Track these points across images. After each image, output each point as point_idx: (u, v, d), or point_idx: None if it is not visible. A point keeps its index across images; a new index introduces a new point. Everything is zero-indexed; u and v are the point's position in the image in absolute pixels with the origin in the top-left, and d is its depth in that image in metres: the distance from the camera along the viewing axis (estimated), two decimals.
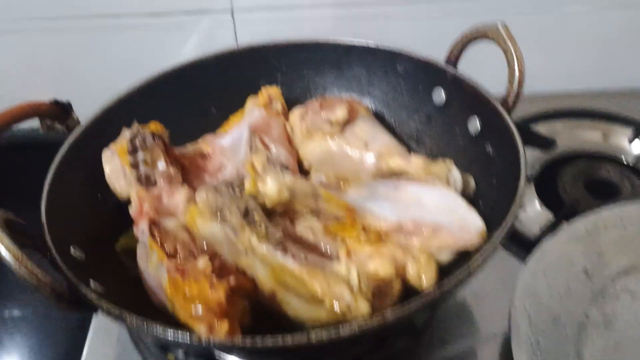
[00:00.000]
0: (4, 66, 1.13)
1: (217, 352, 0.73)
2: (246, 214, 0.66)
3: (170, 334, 0.55)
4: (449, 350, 0.75)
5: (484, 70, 0.81)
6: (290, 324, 0.67)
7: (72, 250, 0.67)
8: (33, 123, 1.09)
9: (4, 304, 0.99)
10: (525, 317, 0.69)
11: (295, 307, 0.66)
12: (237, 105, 0.91)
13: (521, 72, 0.75)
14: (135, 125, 0.79)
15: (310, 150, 0.85)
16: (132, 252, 0.74)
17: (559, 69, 1.13)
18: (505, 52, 0.76)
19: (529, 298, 0.71)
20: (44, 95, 1.09)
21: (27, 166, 1.11)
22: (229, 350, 0.60)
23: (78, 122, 1.12)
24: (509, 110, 0.76)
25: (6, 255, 0.55)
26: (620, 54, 1.16)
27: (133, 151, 0.77)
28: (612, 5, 1.10)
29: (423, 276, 0.66)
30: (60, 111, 1.05)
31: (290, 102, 0.91)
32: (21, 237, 0.60)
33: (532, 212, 0.92)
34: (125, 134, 0.78)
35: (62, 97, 1.07)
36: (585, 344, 0.70)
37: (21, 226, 0.63)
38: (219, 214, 0.66)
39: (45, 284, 0.56)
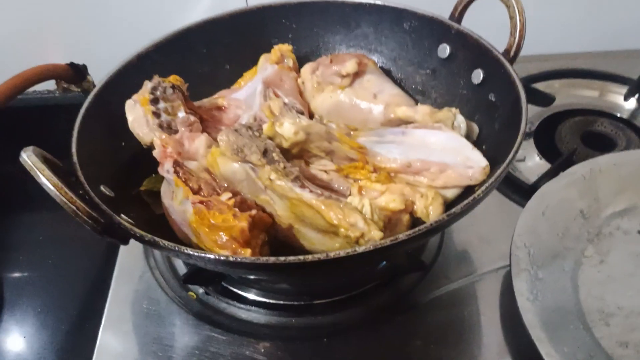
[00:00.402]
0: (19, 28, 1.16)
1: (236, 283, 0.78)
2: (265, 153, 0.70)
3: (199, 255, 0.59)
4: (453, 286, 0.80)
5: (484, 29, 0.86)
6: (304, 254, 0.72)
7: (102, 188, 0.72)
8: (49, 85, 1.13)
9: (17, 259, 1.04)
10: (525, 252, 0.74)
11: (311, 238, 0.71)
12: (250, 62, 0.95)
13: (522, 24, 0.79)
14: (156, 77, 0.83)
15: (321, 102, 0.89)
16: (155, 194, 0.79)
17: (557, 30, 1.17)
18: (508, 6, 0.80)
19: (529, 236, 0.76)
20: (57, 58, 1.13)
21: (45, 126, 1.15)
22: (251, 267, 0.64)
23: (93, 85, 1.16)
24: (511, 61, 0.80)
25: (48, 184, 0.60)
26: (615, 14, 1.21)
27: (154, 101, 0.81)
28: None
29: (431, 210, 0.71)
30: (76, 73, 1.09)
31: (301, 60, 0.96)
32: (56, 174, 0.65)
33: (531, 163, 0.96)
34: (147, 85, 0.82)
35: (77, 60, 1.11)
36: (581, 277, 0.75)
37: (55, 163, 0.67)
38: (239, 153, 0.70)
39: (83, 212, 0.61)
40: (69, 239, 1.03)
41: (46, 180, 0.60)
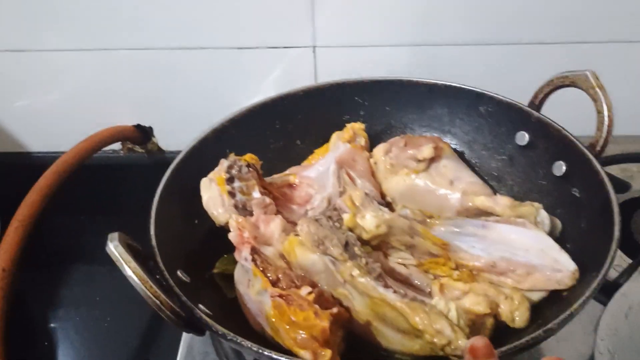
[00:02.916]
0: (88, 88, 1.19)
1: None
2: (347, 247, 0.69)
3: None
4: None
5: (562, 112, 0.85)
6: (378, 351, 0.70)
7: (179, 273, 0.71)
8: (114, 145, 1.15)
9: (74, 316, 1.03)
10: (609, 358, 0.70)
11: (389, 338, 0.68)
12: (320, 138, 0.95)
13: (611, 120, 0.77)
14: (232, 156, 0.83)
15: (394, 185, 0.88)
16: (228, 277, 0.78)
17: (632, 111, 1.14)
18: (595, 100, 0.78)
19: (612, 340, 0.73)
20: (125, 121, 1.15)
21: (109, 185, 1.17)
22: None
23: (157, 146, 1.18)
24: (596, 156, 0.78)
25: (134, 278, 0.59)
26: None
27: (230, 180, 0.81)
28: None
29: (517, 315, 0.68)
30: (142, 135, 1.12)
31: (372, 138, 0.95)
32: (137, 261, 0.65)
33: None
34: (223, 164, 0.82)
35: (144, 123, 1.13)
36: None
37: (136, 249, 0.67)
38: (320, 246, 0.69)
39: (167, 307, 0.60)
40: (126, 298, 1.04)
41: (132, 273, 0.60)
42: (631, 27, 1.06)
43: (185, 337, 0.85)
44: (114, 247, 0.61)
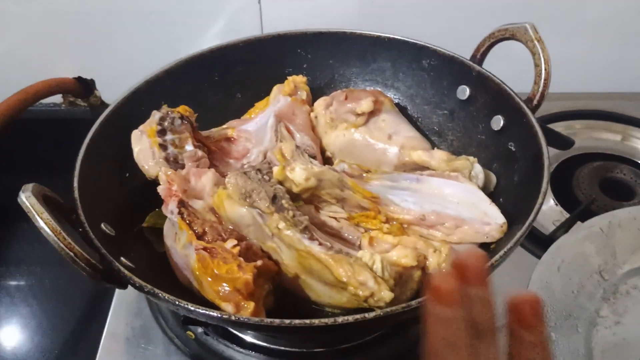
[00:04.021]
0: (28, 41, 1.13)
1: (237, 330, 0.75)
2: (274, 200, 0.67)
3: (201, 312, 0.56)
4: None
5: (504, 67, 0.83)
6: (309, 305, 0.70)
7: (102, 226, 0.69)
8: (54, 98, 1.11)
9: (15, 273, 1.01)
10: None
11: (317, 290, 0.68)
12: (262, 91, 0.93)
13: (548, 73, 0.76)
14: (165, 108, 0.81)
15: (333, 139, 0.86)
16: (158, 231, 0.76)
17: (579, 69, 1.14)
18: (533, 53, 0.77)
19: (543, 293, 0.73)
20: (66, 72, 1.10)
21: (49, 139, 1.13)
22: (255, 328, 0.61)
23: (100, 99, 1.14)
24: (533, 110, 0.77)
25: (46, 229, 0.57)
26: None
27: (162, 133, 0.79)
28: (634, 8, 1.11)
29: (444, 267, 0.67)
30: (84, 88, 1.07)
31: (315, 92, 0.93)
32: (55, 212, 0.62)
33: (546, 209, 0.93)
34: (155, 116, 0.80)
35: (85, 75, 1.09)
36: (596, 340, 0.72)
37: (56, 201, 0.65)
38: (247, 198, 0.67)
39: (81, 259, 0.58)
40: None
41: (44, 224, 0.57)
42: None
43: (119, 292, 0.84)
44: (26, 198, 0.59)
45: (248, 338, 0.77)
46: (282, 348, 0.76)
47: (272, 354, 0.76)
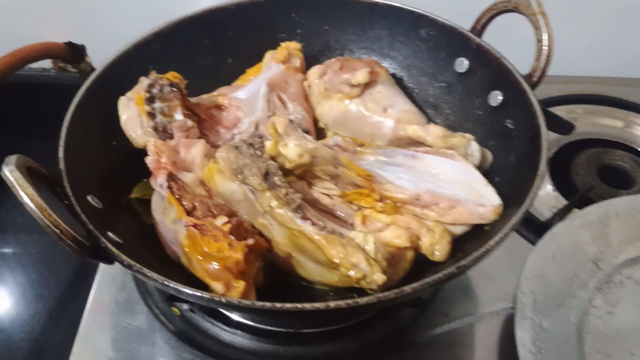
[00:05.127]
0: (18, 3, 1.08)
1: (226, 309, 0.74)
2: (266, 176, 0.66)
3: (191, 293, 0.55)
4: (450, 324, 0.76)
5: (506, 42, 0.81)
6: (298, 280, 0.69)
7: (89, 198, 0.67)
8: (44, 63, 1.07)
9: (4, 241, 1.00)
10: (531, 298, 0.71)
11: (308, 269, 0.67)
12: (254, 57, 0.90)
13: (550, 49, 0.74)
14: (154, 74, 0.78)
15: (327, 110, 0.84)
16: (146, 202, 0.75)
17: (582, 52, 1.11)
18: (536, 27, 0.74)
19: (536, 280, 0.73)
20: (57, 37, 1.06)
21: (38, 105, 1.10)
22: (246, 311, 0.61)
23: (90, 66, 1.10)
24: (533, 87, 0.75)
25: (30, 205, 0.55)
26: None
27: (150, 100, 0.76)
28: None
29: (437, 248, 0.67)
30: (74, 53, 1.03)
31: (309, 59, 0.90)
32: (40, 184, 0.60)
33: (543, 194, 0.92)
34: (143, 82, 0.77)
35: (76, 40, 1.05)
36: (587, 329, 0.72)
37: (40, 172, 0.63)
38: (239, 174, 0.66)
39: (67, 236, 0.56)
40: None
41: (29, 200, 0.55)
42: None
43: (104, 265, 0.83)
44: (9, 172, 0.56)
45: (235, 317, 0.77)
46: (270, 328, 0.75)
47: (259, 334, 0.76)
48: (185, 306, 0.77)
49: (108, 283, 0.80)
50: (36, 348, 0.85)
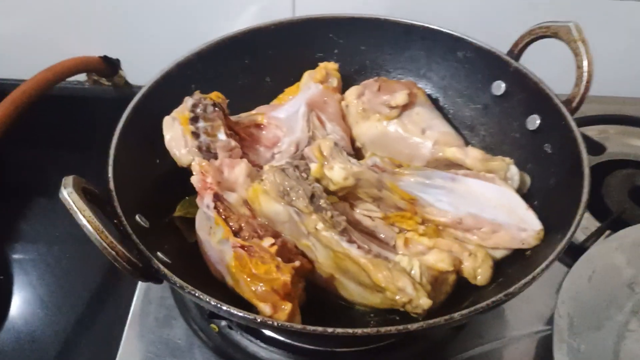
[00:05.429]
0: (56, 20, 1.11)
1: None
2: (312, 199, 0.67)
3: (242, 315, 0.56)
4: (485, 346, 0.77)
5: (542, 65, 0.82)
6: (338, 300, 0.70)
7: (137, 218, 0.69)
8: (79, 76, 1.09)
9: (32, 250, 1.00)
10: (568, 321, 0.71)
11: (351, 290, 0.68)
12: (291, 76, 0.91)
13: (590, 75, 0.75)
14: (197, 94, 0.79)
15: (365, 130, 0.85)
16: (188, 220, 0.76)
17: (614, 72, 1.10)
18: (576, 54, 0.75)
19: (573, 303, 0.73)
20: (92, 51, 1.08)
21: (72, 117, 1.12)
22: (298, 335, 0.61)
23: (124, 80, 1.12)
24: (572, 112, 0.76)
25: (89, 227, 0.57)
26: None
27: (194, 120, 0.77)
28: None
29: (479, 272, 0.68)
30: (109, 67, 1.06)
31: (345, 78, 0.91)
32: (92, 203, 0.62)
33: None
34: (187, 102, 0.78)
35: (111, 54, 1.07)
36: (624, 353, 0.72)
37: (92, 192, 0.64)
38: (285, 196, 0.67)
39: (123, 258, 0.58)
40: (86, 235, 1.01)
41: (87, 222, 0.57)
42: None
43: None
44: (68, 194, 0.58)
45: (271, 334, 0.77)
46: (306, 346, 0.76)
47: (296, 351, 0.76)
48: (223, 322, 0.78)
49: (147, 298, 0.82)
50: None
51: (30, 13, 1.10)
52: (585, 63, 0.75)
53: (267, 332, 0.77)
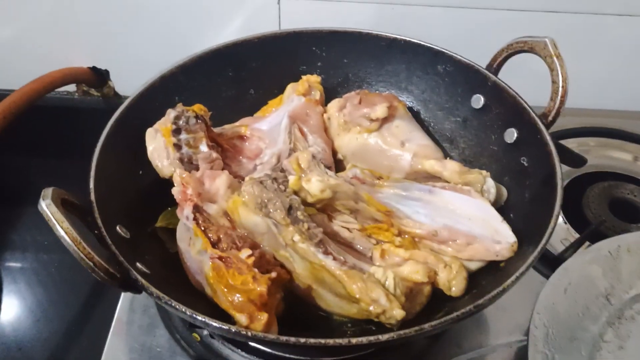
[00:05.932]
0: (45, 31, 1.12)
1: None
2: (290, 211, 0.68)
3: (217, 326, 0.57)
4: (462, 356, 0.77)
5: (518, 79, 0.83)
6: (316, 311, 0.71)
7: (118, 228, 0.70)
8: (68, 87, 1.10)
9: (20, 258, 1.01)
10: (544, 332, 0.72)
11: (328, 301, 0.69)
12: (275, 88, 0.93)
13: (565, 90, 0.76)
14: (180, 106, 0.80)
15: (346, 142, 0.87)
16: (170, 230, 0.77)
17: (594, 85, 1.13)
18: (552, 69, 0.77)
19: (548, 314, 0.74)
20: (81, 62, 1.09)
21: (61, 126, 1.13)
22: (271, 345, 0.62)
23: (113, 90, 1.13)
24: (548, 126, 0.77)
25: (66, 239, 0.58)
26: None
27: (177, 132, 0.79)
28: None
29: (454, 284, 0.69)
30: (98, 78, 1.07)
31: (328, 91, 0.93)
32: (72, 214, 0.63)
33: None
34: (170, 115, 0.80)
35: (99, 65, 1.08)
36: None
37: (72, 203, 0.65)
38: (263, 208, 0.68)
39: (100, 268, 0.59)
40: None
41: (64, 233, 0.58)
42: None
43: None
44: (46, 206, 0.59)
45: (253, 344, 0.78)
46: (288, 356, 0.76)
47: None
48: (205, 332, 0.79)
49: (131, 307, 0.82)
50: None
51: (20, 23, 1.12)
52: (560, 78, 0.76)
53: (250, 342, 0.79)
